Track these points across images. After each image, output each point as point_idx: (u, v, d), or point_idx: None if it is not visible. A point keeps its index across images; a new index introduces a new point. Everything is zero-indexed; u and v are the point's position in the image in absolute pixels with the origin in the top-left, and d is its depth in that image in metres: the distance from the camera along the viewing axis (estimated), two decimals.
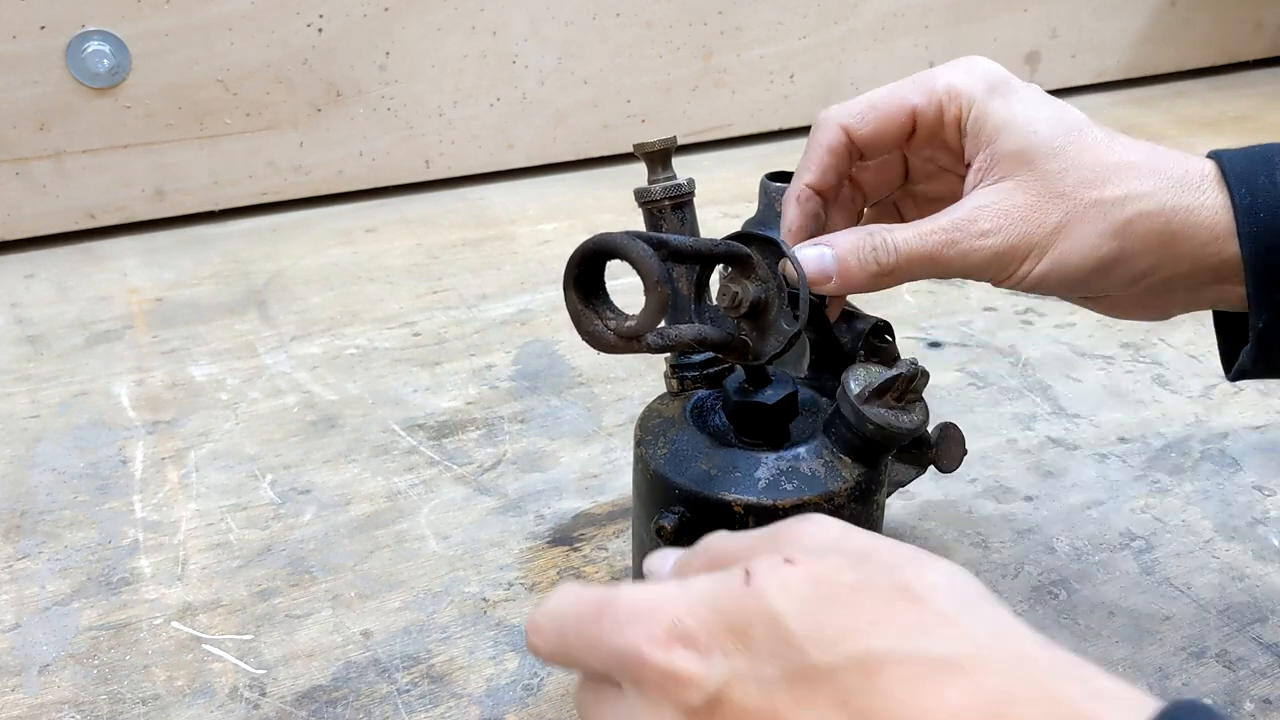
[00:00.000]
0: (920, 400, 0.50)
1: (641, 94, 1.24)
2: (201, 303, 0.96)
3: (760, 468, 0.50)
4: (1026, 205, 0.49)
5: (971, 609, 0.34)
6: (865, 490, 0.51)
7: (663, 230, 0.55)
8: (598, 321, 0.43)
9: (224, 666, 0.58)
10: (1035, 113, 0.51)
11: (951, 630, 0.33)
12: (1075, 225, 0.49)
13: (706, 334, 0.48)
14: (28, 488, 0.73)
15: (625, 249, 0.41)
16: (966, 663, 0.32)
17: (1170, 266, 0.50)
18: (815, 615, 0.34)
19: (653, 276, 0.41)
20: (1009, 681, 0.31)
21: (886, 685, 0.32)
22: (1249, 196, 0.48)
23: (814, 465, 0.50)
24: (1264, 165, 0.49)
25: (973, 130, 0.52)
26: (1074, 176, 0.49)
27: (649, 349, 0.44)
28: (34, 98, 1.01)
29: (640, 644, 0.35)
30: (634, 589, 0.37)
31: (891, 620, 0.33)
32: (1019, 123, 0.50)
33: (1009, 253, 0.49)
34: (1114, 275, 0.50)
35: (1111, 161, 0.49)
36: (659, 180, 0.55)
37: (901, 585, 0.34)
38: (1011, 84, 0.52)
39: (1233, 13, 1.53)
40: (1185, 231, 0.49)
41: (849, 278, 0.50)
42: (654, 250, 0.41)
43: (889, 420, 0.49)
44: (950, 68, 0.53)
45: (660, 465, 0.51)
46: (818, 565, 0.35)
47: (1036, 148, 0.50)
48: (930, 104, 0.52)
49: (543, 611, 0.39)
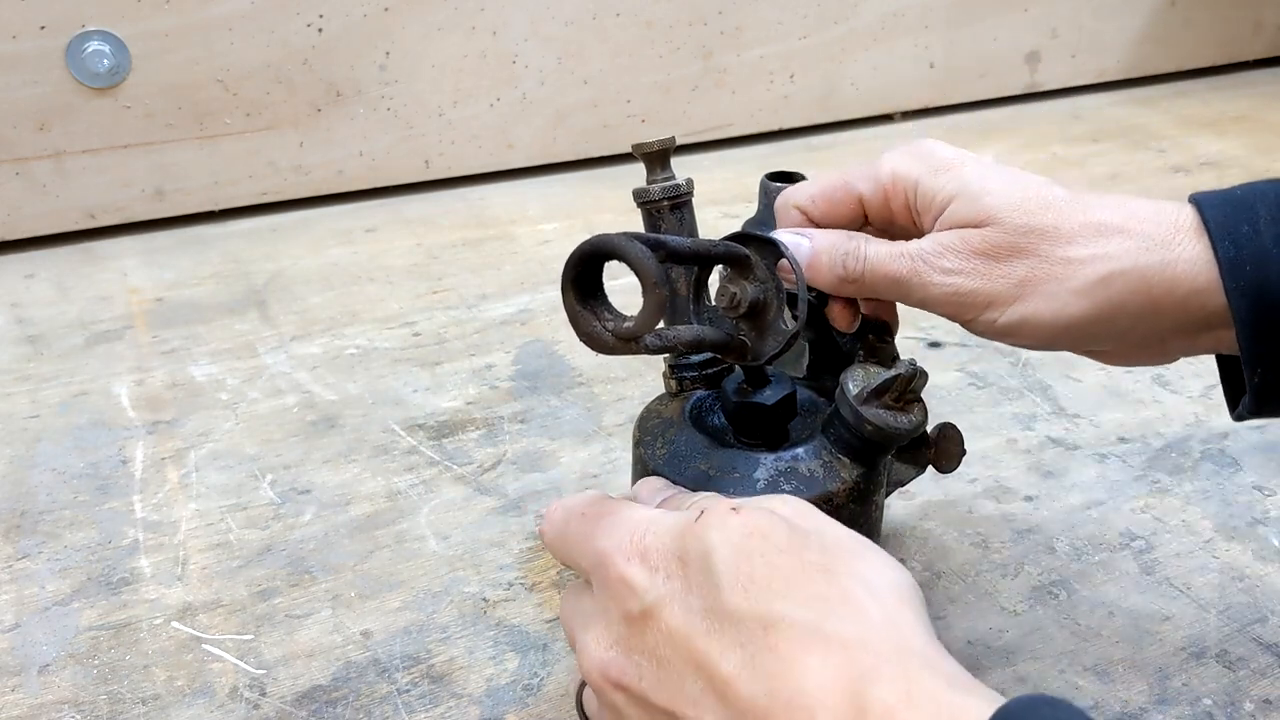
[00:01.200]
0: (919, 401, 0.50)
1: (641, 94, 1.24)
2: (201, 303, 0.96)
3: (759, 468, 0.50)
4: (990, 253, 0.48)
5: (880, 602, 0.37)
6: (864, 491, 0.51)
7: (661, 231, 0.55)
8: (596, 323, 0.44)
9: (224, 666, 0.58)
10: (990, 180, 0.49)
11: (850, 612, 0.37)
12: (1042, 283, 0.47)
13: (705, 335, 0.48)
14: (28, 488, 0.73)
15: (623, 250, 0.41)
16: (849, 641, 0.36)
17: (1153, 321, 0.48)
18: (739, 562, 0.38)
19: (650, 278, 0.41)
20: (880, 662, 0.35)
21: (776, 642, 0.36)
22: (1233, 249, 0.46)
23: (812, 466, 0.50)
24: (1246, 213, 0.46)
25: (923, 208, 0.51)
26: (1039, 234, 0.47)
27: (647, 350, 0.44)
28: (34, 98, 1.01)
29: (612, 550, 0.42)
30: (636, 508, 0.44)
31: (802, 589, 0.37)
32: (971, 190, 0.49)
33: (969, 296, 0.48)
34: (1092, 332, 0.48)
35: (1079, 222, 0.47)
36: (658, 180, 0.55)
37: (826, 566, 0.38)
38: (961, 158, 0.51)
39: (1233, 13, 1.53)
40: (1163, 288, 0.47)
41: (816, 273, 0.51)
42: (652, 251, 0.41)
43: (887, 421, 0.49)
44: (897, 152, 0.52)
45: (659, 465, 0.51)
46: (759, 521, 0.40)
47: (997, 207, 0.48)
48: (875, 192, 0.52)
49: (559, 504, 0.47)
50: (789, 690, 0.35)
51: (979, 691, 0.35)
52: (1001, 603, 0.61)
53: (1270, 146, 1.30)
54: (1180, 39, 1.51)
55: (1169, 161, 1.26)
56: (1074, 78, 1.47)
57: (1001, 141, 1.32)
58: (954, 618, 0.60)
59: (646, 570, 0.40)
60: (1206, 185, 1.19)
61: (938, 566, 0.64)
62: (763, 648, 0.36)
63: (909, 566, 0.64)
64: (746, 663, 0.37)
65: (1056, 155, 1.28)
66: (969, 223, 0.49)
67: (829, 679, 0.35)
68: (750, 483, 0.50)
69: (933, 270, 0.49)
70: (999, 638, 0.59)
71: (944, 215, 0.50)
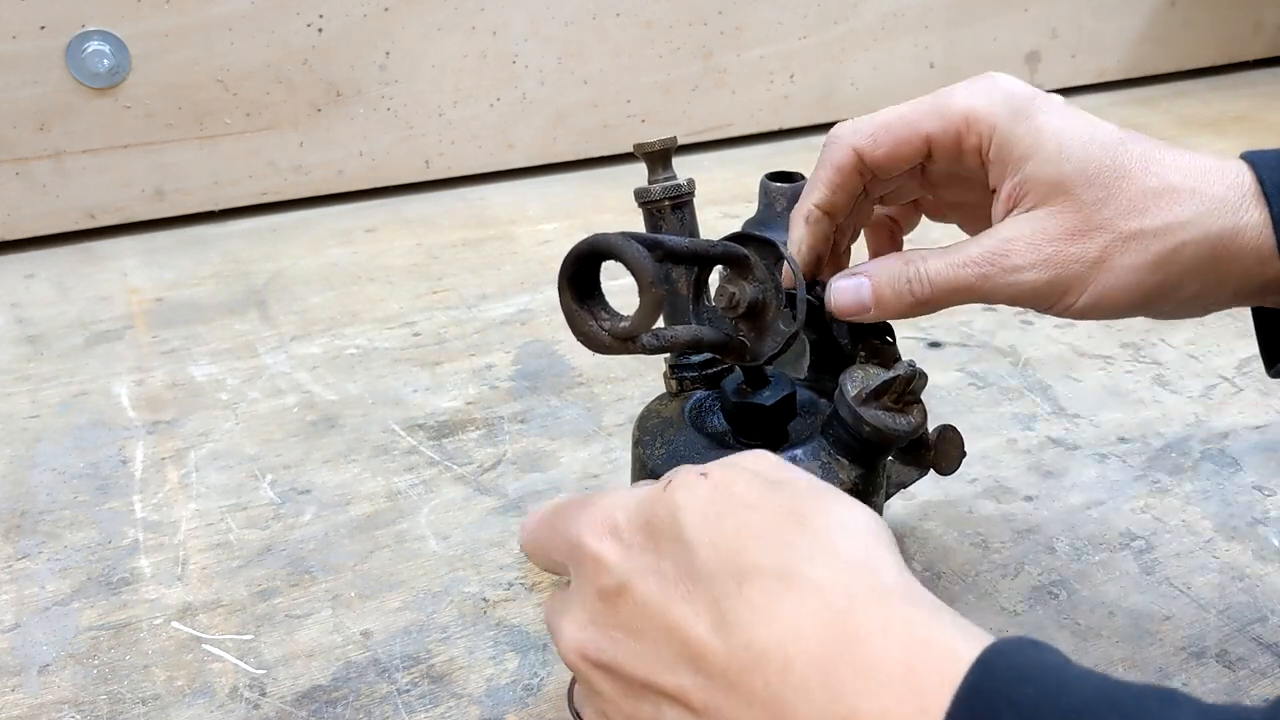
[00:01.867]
0: (919, 402, 0.50)
1: (641, 94, 1.24)
2: (201, 303, 0.96)
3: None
4: (1063, 237, 0.47)
5: (853, 543, 0.37)
6: (863, 492, 0.51)
7: (662, 230, 0.55)
8: (592, 322, 0.44)
9: (224, 666, 0.58)
10: (1066, 137, 0.47)
11: (822, 556, 0.36)
12: (1117, 258, 0.46)
13: (703, 335, 0.48)
14: (28, 488, 0.73)
15: (620, 250, 0.41)
16: (824, 584, 0.35)
17: (1215, 289, 0.48)
18: (708, 523, 0.38)
19: (647, 278, 0.41)
20: (856, 604, 0.35)
21: (750, 594, 0.36)
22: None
23: (811, 467, 0.50)
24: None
25: (997, 158, 0.49)
26: (1113, 206, 0.46)
27: (645, 350, 0.44)
28: (34, 98, 1.01)
29: (583, 530, 0.41)
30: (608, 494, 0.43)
31: (772, 538, 0.37)
32: (1049, 149, 0.47)
33: (1046, 287, 0.47)
34: (1159, 303, 0.48)
35: (1150, 188, 0.46)
36: (659, 180, 0.55)
37: (795, 511, 0.38)
38: (1036, 103, 0.48)
39: (1233, 13, 1.53)
40: (1230, 255, 0.46)
41: (885, 308, 0.50)
42: (649, 251, 0.41)
43: (885, 422, 0.49)
44: (969, 89, 0.50)
45: (658, 466, 0.51)
46: (725, 480, 0.39)
47: (1070, 176, 0.47)
48: (946, 132, 0.50)
49: (534, 511, 0.46)
50: (763, 641, 0.35)
51: (959, 625, 0.35)
52: (1001, 603, 0.61)
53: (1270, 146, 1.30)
54: (1180, 39, 1.51)
55: None
56: (1074, 78, 1.47)
57: None
58: None
59: (619, 546, 0.40)
60: None
61: (938, 566, 0.64)
62: (738, 602, 0.36)
63: (909, 566, 0.64)
64: (720, 621, 0.36)
65: None
66: (1042, 194, 0.47)
67: (804, 624, 0.35)
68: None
69: (1003, 272, 0.48)
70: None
71: (1019, 178, 0.48)
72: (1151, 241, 0.46)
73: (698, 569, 0.37)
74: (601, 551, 0.40)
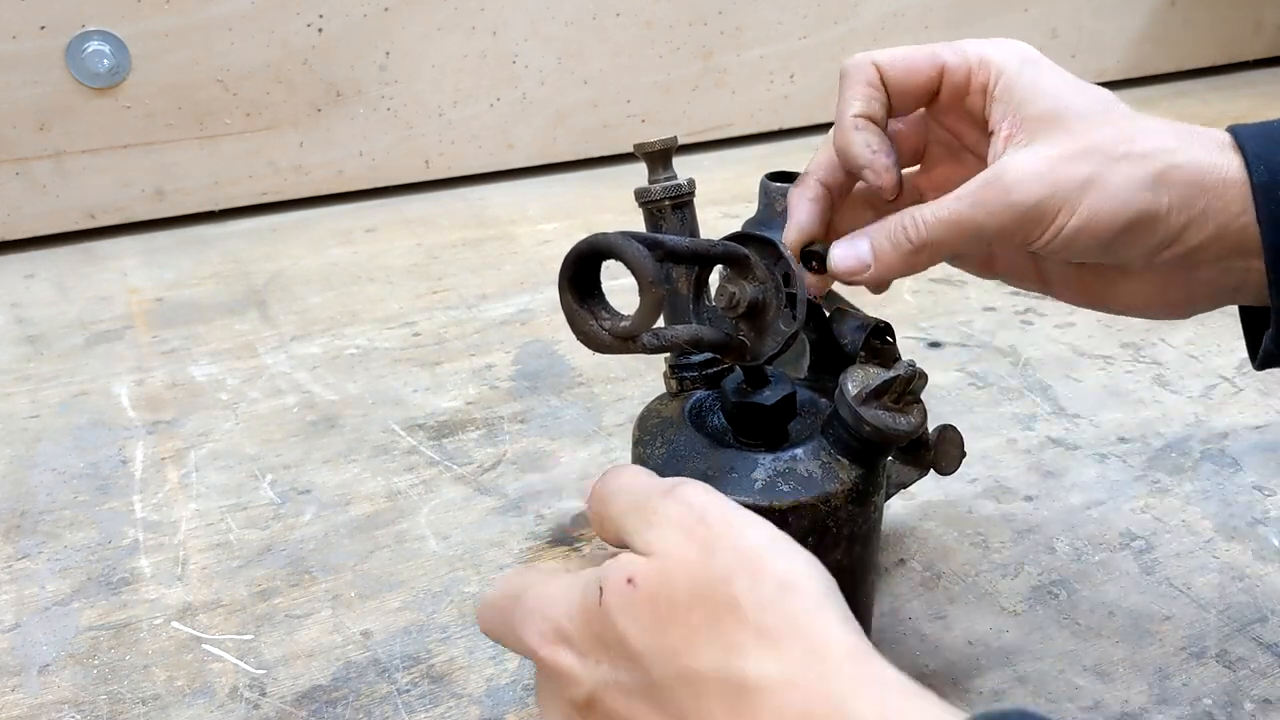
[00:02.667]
0: (918, 402, 0.50)
1: (641, 94, 1.24)
2: (201, 303, 0.96)
3: (757, 469, 0.50)
4: (1055, 159, 0.49)
5: (794, 623, 0.37)
6: (862, 492, 0.51)
7: (663, 230, 0.55)
8: (592, 322, 0.43)
9: (224, 666, 0.58)
10: (1064, 84, 0.51)
11: (768, 650, 0.36)
12: (1107, 177, 0.48)
13: (703, 334, 0.48)
14: (28, 488, 0.73)
15: (620, 249, 0.41)
16: (775, 685, 0.35)
17: (1198, 230, 0.49)
18: (652, 636, 0.38)
19: (647, 277, 0.41)
20: (809, 701, 0.35)
21: (709, 706, 0.36)
22: (1266, 174, 0.48)
23: (811, 466, 0.50)
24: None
25: (1001, 96, 0.51)
26: (1104, 134, 0.49)
27: (644, 349, 0.44)
28: (34, 98, 1.01)
29: (534, 641, 0.41)
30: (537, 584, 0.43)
31: (715, 641, 0.37)
32: (1048, 90, 0.50)
33: (1037, 209, 0.48)
34: (1145, 236, 0.49)
35: (1140, 125, 0.49)
36: (659, 180, 0.55)
37: (730, 601, 0.37)
38: (1043, 61, 0.52)
39: (1233, 13, 1.53)
40: (1215, 189, 0.48)
41: (885, 260, 0.50)
42: (649, 251, 0.41)
43: (886, 422, 0.49)
44: (984, 40, 0.53)
45: (658, 465, 0.51)
46: (654, 585, 0.39)
47: (1065, 110, 0.50)
48: (960, 65, 0.52)
49: (482, 601, 0.46)
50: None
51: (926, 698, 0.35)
52: (1001, 603, 0.61)
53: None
54: (1180, 39, 1.51)
55: None
56: None
57: None
58: (954, 618, 0.60)
59: (576, 656, 0.40)
60: None
61: (938, 566, 0.64)
62: (699, 713, 0.37)
63: (909, 567, 0.64)
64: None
65: None
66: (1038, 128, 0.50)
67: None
68: (749, 483, 0.50)
69: (999, 194, 0.49)
70: (999, 638, 0.59)
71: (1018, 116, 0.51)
72: (1141, 161, 0.48)
73: (655, 682, 0.38)
74: (560, 663, 0.40)
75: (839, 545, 0.50)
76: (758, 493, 0.49)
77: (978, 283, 0.99)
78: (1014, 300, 0.95)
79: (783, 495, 0.49)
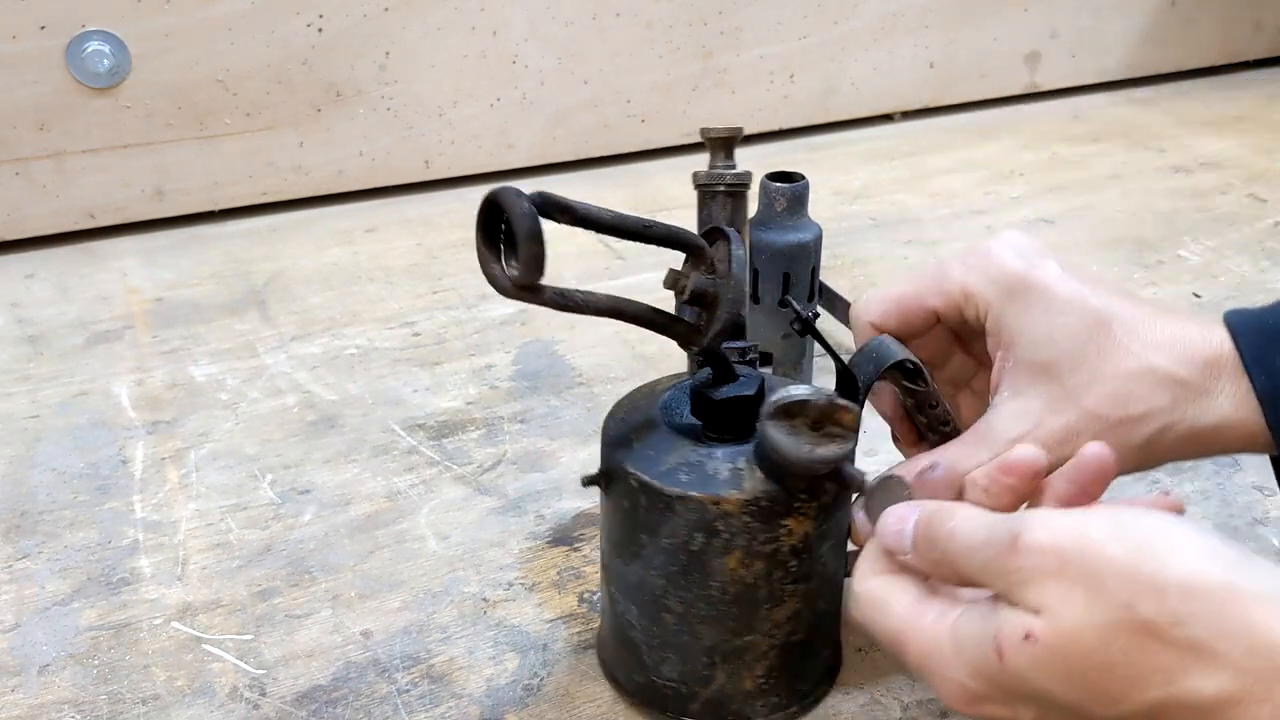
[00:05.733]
0: (847, 437, 0.47)
1: (641, 94, 1.24)
2: (201, 303, 0.96)
3: (675, 453, 0.50)
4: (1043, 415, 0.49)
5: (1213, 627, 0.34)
6: (767, 510, 0.49)
7: (711, 216, 0.55)
8: (497, 266, 0.45)
9: (224, 666, 0.58)
10: (1054, 320, 0.49)
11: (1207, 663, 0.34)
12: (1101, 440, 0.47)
13: (624, 307, 0.48)
14: (28, 488, 0.73)
15: (505, 203, 0.42)
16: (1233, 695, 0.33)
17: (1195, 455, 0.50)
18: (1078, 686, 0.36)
19: (523, 232, 0.42)
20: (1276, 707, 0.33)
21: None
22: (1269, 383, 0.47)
23: (721, 466, 0.49)
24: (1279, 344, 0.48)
25: (992, 330, 0.51)
26: (1098, 391, 0.48)
27: (550, 304, 0.45)
28: (34, 98, 1.01)
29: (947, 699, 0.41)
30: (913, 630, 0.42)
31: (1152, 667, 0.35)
32: (1038, 333, 0.50)
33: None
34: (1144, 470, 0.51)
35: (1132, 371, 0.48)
36: (717, 167, 0.56)
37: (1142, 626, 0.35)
38: (1028, 281, 0.50)
39: (1233, 13, 1.53)
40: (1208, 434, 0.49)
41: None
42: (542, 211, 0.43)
43: (785, 444, 0.46)
44: (966, 264, 0.52)
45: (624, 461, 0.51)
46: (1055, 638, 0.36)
47: (1057, 361, 0.49)
48: (949, 306, 0.52)
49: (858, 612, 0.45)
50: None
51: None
52: None
53: (1270, 146, 1.30)
54: (1180, 39, 1.51)
55: (1169, 161, 1.26)
56: (1074, 78, 1.47)
57: (1001, 141, 1.32)
58: None
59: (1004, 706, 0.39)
60: (1206, 185, 1.19)
61: None
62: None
63: None
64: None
65: (1056, 155, 1.28)
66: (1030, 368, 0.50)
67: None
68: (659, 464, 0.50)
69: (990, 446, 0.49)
70: None
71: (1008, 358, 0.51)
72: (1134, 427, 0.48)
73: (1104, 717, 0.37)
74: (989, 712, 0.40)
75: (732, 553, 0.49)
76: (659, 474, 0.49)
77: None
78: None
79: (676, 482, 0.49)
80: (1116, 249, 1.06)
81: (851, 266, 1.02)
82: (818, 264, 0.77)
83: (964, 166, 1.25)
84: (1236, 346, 0.48)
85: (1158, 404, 0.48)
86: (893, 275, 1.00)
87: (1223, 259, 1.03)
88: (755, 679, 0.53)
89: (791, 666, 0.54)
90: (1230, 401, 0.48)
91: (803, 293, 0.76)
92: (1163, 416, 0.48)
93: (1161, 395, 0.48)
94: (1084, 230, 1.09)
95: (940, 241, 1.07)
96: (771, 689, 0.53)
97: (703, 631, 0.51)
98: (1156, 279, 1.00)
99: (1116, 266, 1.02)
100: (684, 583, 0.51)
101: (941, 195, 1.17)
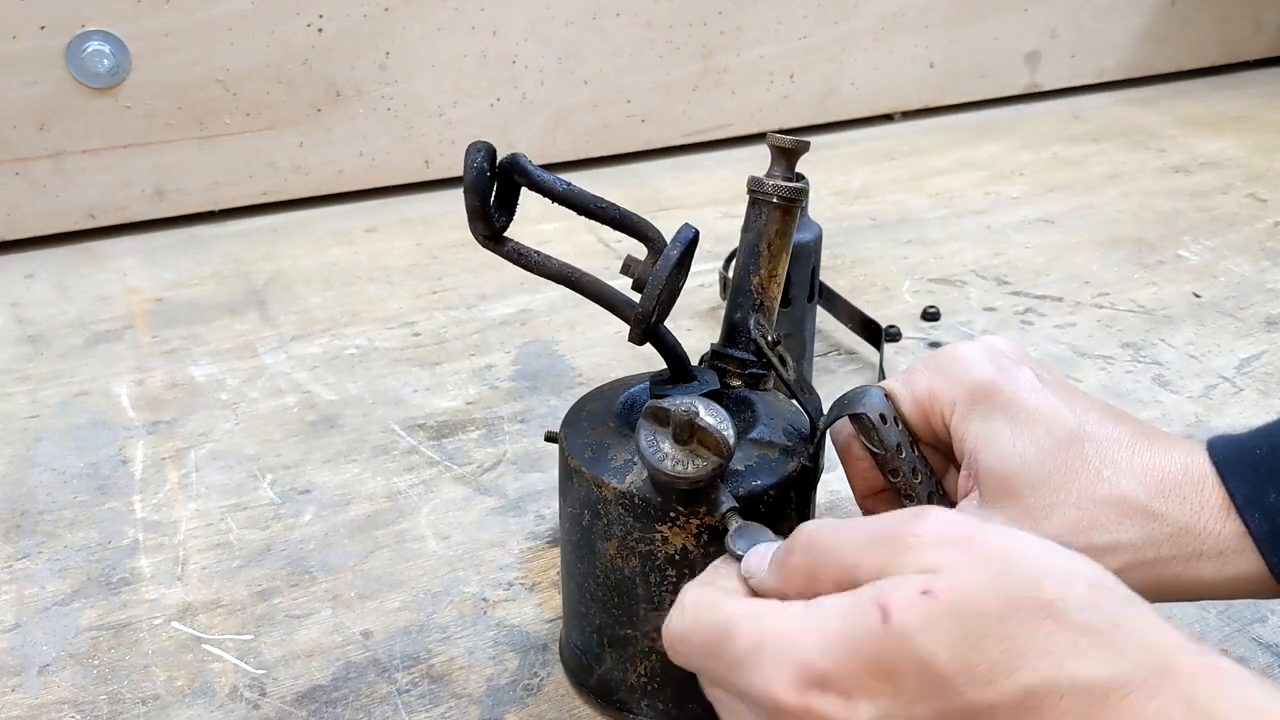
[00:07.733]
0: (708, 460, 0.46)
1: (641, 94, 1.24)
2: (201, 303, 0.96)
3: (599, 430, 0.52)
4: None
5: (1114, 618, 0.34)
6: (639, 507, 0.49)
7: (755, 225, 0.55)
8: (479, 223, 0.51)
9: (224, 666, 0.58)
10: (1020, 432, 0.46)
11: (1102, 649, 0.33)
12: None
13: (576, 275, 0.51)
14: (28, 488, 0.73)
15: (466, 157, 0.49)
16: (1122, 687, 0.32)
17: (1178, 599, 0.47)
18: (966, 654, 0.33)
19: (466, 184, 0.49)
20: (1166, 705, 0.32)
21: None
22: (1265, 522, 0.44)
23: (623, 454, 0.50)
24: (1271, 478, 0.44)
25: (955, 434, 0.48)
26: (1060, 516, 0.45)
27: (508, 257, 0.51)
28: (34, 98, 1.01)
29: (772, 688, 0.35)
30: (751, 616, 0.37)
31: (1042, 648, 0.33)
32: (1001, 445, 0.46)
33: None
34: None
35: (1101, 497, 0.45)
36: (774, 177, 0.56)
37: (1045, 604, 0.34)
38: (995, 387, 0.47)
39: (1233, 13, 1.53)
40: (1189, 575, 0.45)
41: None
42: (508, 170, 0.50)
43: (641, 444, 0.46)
44: (933, 368, 0.50)
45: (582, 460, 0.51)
46: (958, 595, 0.34)
47: (1019, 476, 0.46)
48: (916, 411, 0.50)
49: (670, 633, 0.40)
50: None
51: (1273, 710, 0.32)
52: None
53: (1270, 146, 1.30)
54: (1180, 39, 1.51)
55: (1169, 161, 1.26)
56: (1074, 78, 1.47)
57: (1001, 141, 1.32)
58: None
59: (836, 698, 0.35)
60: (1206, 185, 1.19)
61: None
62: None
63: None
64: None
65: (1056, 155, 1.28)
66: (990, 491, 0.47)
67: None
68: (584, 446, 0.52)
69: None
70: None
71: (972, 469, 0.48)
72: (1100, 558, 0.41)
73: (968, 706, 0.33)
74: (816, 709, 0.35)
75: (610, 540, 0.50)
76: (575, 445, 0.52)
77: (978, 282, 0.99)
78: (1014, 300, 0.95)
79: (580, 456, 0.51)
80: (1116, 249, 1.06)
81: (851, 266, 1.02)
82: (818, 264, 0.77)
83: (964, 166, 1.25)
84: (1224, 483, 0.44)
85: (1126, 538, 0.44)
86: (892, 275, 1.00)
87: (1222, 259, 1.03)
88: (639, 675, 0.53)
89: (679, 680, 0.50)
90: (1216, 537, 0.44)
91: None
92: (1131, 552, 0.44)
93: (1130, 529, 0.45)
94: (1084, 230, 1.09)
95: (940, 241, 1.07)
96: (657, 693, 0.53)
97: (593, 609, 0.53)
98: (1156, 279, 1.00)
99: (1116, 266, 1.02)
100: (580, 555, 0.53)
101: (941, 195, 1.17)
